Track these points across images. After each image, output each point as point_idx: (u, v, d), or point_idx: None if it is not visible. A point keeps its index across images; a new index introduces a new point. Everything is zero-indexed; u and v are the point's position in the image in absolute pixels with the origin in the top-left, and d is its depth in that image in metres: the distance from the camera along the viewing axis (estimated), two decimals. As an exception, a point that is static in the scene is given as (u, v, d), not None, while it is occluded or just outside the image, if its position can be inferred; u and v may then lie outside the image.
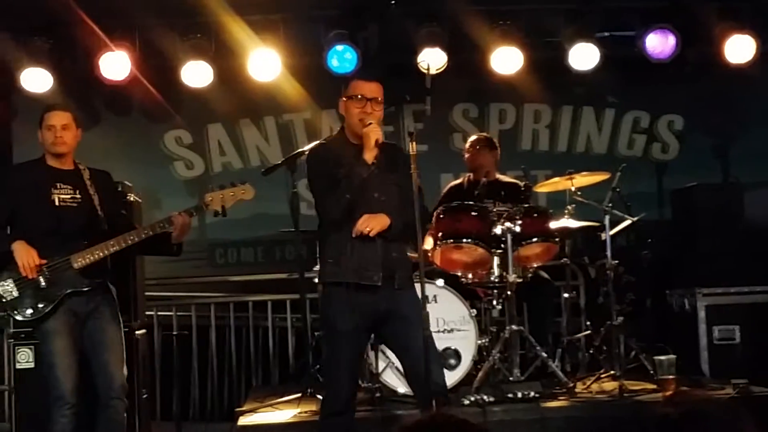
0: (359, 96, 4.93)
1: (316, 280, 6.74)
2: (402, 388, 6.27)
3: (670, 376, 6.29)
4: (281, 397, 6.53)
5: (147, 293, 7.04)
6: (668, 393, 6.10)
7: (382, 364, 6.30)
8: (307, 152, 5.27)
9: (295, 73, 8.19)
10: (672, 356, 6.39)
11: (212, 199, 5.43)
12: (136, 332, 6.23)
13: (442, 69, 7.82)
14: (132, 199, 6.38)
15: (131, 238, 5.23)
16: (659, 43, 7.98)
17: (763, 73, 8.25)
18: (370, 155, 4.83)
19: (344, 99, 5.01)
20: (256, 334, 8.28)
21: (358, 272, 4.86)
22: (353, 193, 4.83)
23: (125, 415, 5.28)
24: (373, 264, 4.89)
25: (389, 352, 6.33)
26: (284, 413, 6.17)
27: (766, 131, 9.00)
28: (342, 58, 7.84)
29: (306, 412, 6.12)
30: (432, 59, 7.63)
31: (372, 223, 4.84)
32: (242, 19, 7.68)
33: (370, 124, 4.87)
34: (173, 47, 7.85)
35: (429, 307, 6.03)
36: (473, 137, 7.44)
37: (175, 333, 7.70)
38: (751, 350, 7.27)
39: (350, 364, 4.92)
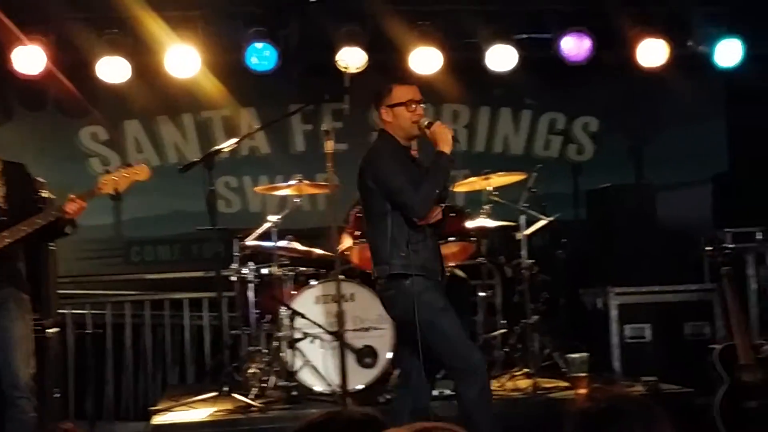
0: (410, 101, 5.06)
1: (233, 278, 6.76)
2: (318, 386, 6.28)
3: (582, 374, 6.40)
4: (197, 395, 6.49)
5: (61, 291, 6.94)
6: (586, 390, 6.23)
7: (298, 363, 6.30)
8: (368, 156, 5.22)
9: (214, 70, 8.13)
10: (584, 354, 6.50)
11: (105, 182, 5.35)
12: (48, 331, 6.13)
13: (362, 68, 7.84)
14: (46, 195, 6.27)
15: (23, 229, 5.15)
16: (575, 46, 8.11)
17: (676, 76, 8.42)
18: (449, 147, 4.95)
19: (388, 107, 5.09)
20: (173, 332, 8.20)
21: (428, 267, 5.00)
22: (443, 189, 5.03)
23: (35, 413, 5.19)
24: (438, 261, 5.12)
25: (306, 350, 6.34)
26: (199, 412, 6.14)
27: (679, 134, 9.20)
28: (261, 55, 7.81)
29: (221, 410, 6.10)
30: (351, 58, 7.65)
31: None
32: (160, 15, 7.59)
33: (431, 122, 5.02)
34: (89, 42, 7.72)
35: (346, 306, 6.14)
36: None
37: (89, 331, 7.59)
38: (661, 348, 7.43)
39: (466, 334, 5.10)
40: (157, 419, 6.04)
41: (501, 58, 8.07)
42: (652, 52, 8.16)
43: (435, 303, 4.95)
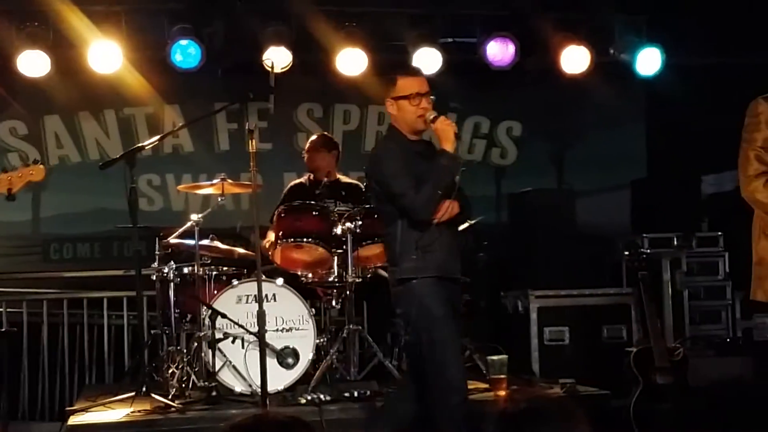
0: (414, 94, 4.82)
1: (153, 277, 6.69)
2: (239, 386, 6.24)
3: (502, 376, 6.46)
4: (115, 396, 6.39)
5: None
6: (505, 391, 6.29)
7: (219, 363, 6.26)
8: (371, 158, 5.11)
9: (138, 66, 8.04)
10: (504, 356, 6.56)
11: None
12: (-39, 329, 6.01)
13: (288, 68, 7.82)
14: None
15: None
16: (499, 51, 8.19)
17: (597, 83, 8.55)
18: (452, 147, 4.75)
19: (392, 99, 4.87)
20: (91, 331, 8.08)
21: (444, 267, 4.81)
22: (446, 189, 4.75)
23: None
24: (455, 258, 4.90)
25: (226, 350, 6.30)
26: (116, 412, 6.04)
27: (599, 140, 9.38)
28: (186, 53, 7.75)
29: (139, 411, 6.01)
30: (277, 58, 7.60)
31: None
32: (82, 9, 7.49)
33: (437, 118, 4.79)
34: (9, 35, 7.58)
35: (268, 306, 6.11)
36: (312, 138, 7.47)
37: (3, 330, 7.44)
38: (580, 351, 7.54)
39: (458, 347, 4.86)
40: (74, 420, 5.93)
41: (426, 61, 8.10)
42: (574, 59, 8.29)
43: (435, 310, 4.76)
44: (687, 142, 8.72)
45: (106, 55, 7.64)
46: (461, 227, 7.12)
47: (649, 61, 8.41)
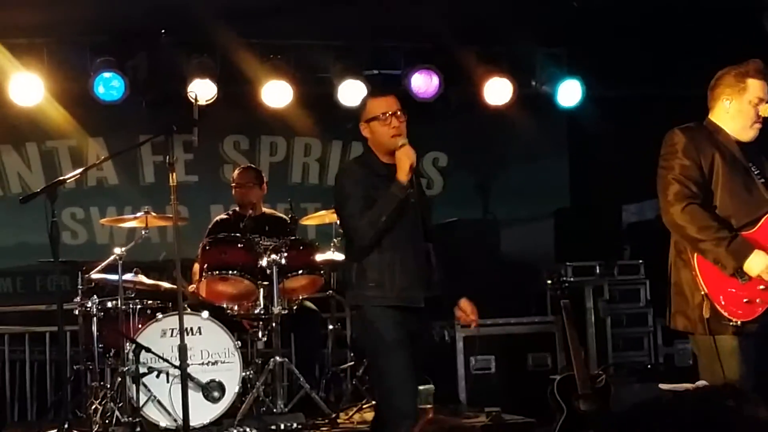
0: (383, 114, 4.75)
1: (76, 311, 6.61)
2: (164, 421, 6.18)
3: (428, 405, 6.47)
4: (37, 432, 6.30)
5: None
6: (424, 421, 6.30)
7: (143, 398, 6.19)
8: (336, 174, 5.04)
9: (60, 99, 7.98)
10: (430, 386, 6.54)
11: None
12: None
13: (212, 100, 7.82)
14: None
15: None
16: (423, 83, 8.30)
17: (520, 114, 8.69)
18: (405, 177, 4.63)
19: (365, 122, 4.79)
20: (13, 367, 7.93)
21: (400, 293, 4.68)
22: (389, 215, 4.62)
23: None
24: (418, 283, 4.75)
25: (151, 385, 6.24)
26: (39, 450, 5.96)
27: (522, 170, 9.51)
28: (109, 85, 7.72)
29: (62, 448, 5.92)
30: (201, 90, 7.61)
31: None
32: (3, 42, 7.42)
33: (403, 146, 4.69)
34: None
35: (193, 339, 6.09)
36: (240, 171, 7.46)
37: None
38: (505, 379, 7.60)
39: (411, 373, 4.69)
40: (-6, 458, 5.83)
41: (351, 92, 8.17)
42: (497, 91, 8.43)
43: (386, 335, 4.67)
44: (608, 171, 8.88)
45: (27, 87, 7.58)
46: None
47: (570, 93, 8.58)
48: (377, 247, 4.68)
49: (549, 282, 6.66)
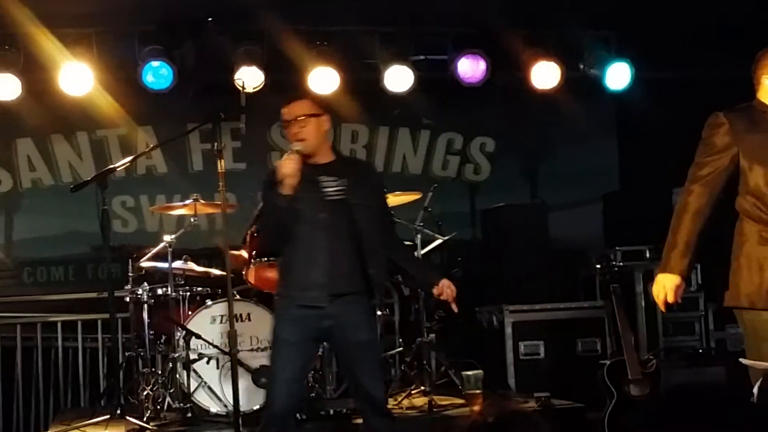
0: (286, 121, 4.91)
1: (127, 299, 6.70)
2: (214, 407, 6.23)
3: (477, 391, 6.48)
4: (90, 419, 6.37)
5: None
6: (478, 406, 6.31)
7: (194, 384, 6.25)
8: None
9: (109, 88, 8.03)
10: (479, 371, 6.58)
11: None
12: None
13: (260, 87, 7.84)
14: None
15: None
16: (470, 68, 8.24)
17: (568, 98, 8.61)
18: (283, 188, 4.69)
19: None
20: (66, 354, 8.05)
21: (298, 290, 4.77)
22: (277, 221, 4.81)
23: None
24: (318, 285, 4.75)
25: (201, 371, 6.30)
26: (91, 435, 6.03)
27: (570, 154, 9.43)
28: (157, 74, 7.76)
29: (113, 433, 6.01)
30: (248, 78, 7.63)
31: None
32: (53, 32, 7.49)
33: (289, 154, 4.76)
34: (-21, 59, 7.57)
35: (242, 326, 6.14)
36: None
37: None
38: (554, 365, 7.57)
39: (285, 374, 4.74)
40: (48, 443, 5.92)
41: (398, 78, 8.15)
42: (545, 75, 8.34)
43: (278, 332, 4.83)
44: (658, 155, 8.77)
45: (77, 77, 7.64)
46: (435, 244, 7.23)
47: (618, 76, 8.47)
48: (285, 246, 4.83)
49: (598, 267, 6.62)
